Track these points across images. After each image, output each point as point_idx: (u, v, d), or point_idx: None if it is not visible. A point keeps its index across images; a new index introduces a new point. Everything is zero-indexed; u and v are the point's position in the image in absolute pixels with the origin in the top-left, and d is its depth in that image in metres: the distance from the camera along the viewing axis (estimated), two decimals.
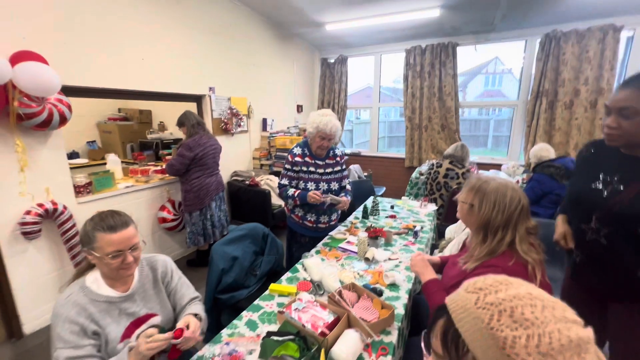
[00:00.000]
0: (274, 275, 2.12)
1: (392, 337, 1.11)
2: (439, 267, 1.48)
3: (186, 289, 1.30)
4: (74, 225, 2.25)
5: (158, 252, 3.08)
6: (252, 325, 1.18)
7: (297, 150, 2.02)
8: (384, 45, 5.02)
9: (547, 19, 3.82)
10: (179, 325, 1.08)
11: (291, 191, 1.99)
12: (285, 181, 2.03)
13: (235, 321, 1.20)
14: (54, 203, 2.13)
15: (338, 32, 4.37)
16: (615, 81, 3.79)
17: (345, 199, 1.98)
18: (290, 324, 1.08)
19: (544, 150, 2.80)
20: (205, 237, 2.93)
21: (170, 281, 1.25)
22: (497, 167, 4.32)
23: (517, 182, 3.65)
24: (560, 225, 1.34)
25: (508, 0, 3.22)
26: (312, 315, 1.12)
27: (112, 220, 1.03)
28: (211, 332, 1.87)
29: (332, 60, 5.45)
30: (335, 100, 5.48)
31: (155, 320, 1.15)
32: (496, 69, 17.59)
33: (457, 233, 2.33)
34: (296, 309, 1.14)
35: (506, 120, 10.69)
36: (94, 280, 1.07)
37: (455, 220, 2.67)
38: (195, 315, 1.18)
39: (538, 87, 4.11)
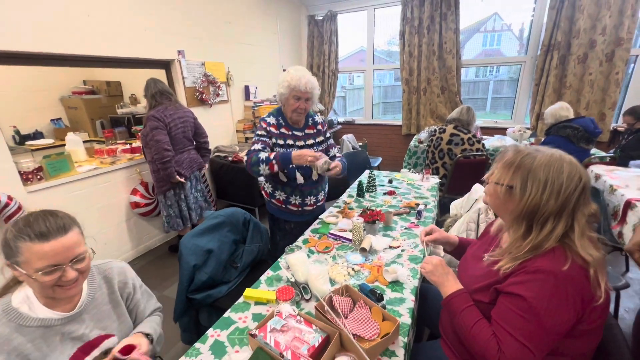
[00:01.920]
0: (259, 264, 1.88)
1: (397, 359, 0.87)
2: (455, 248, 1.23)
3: (147, 298, 1.08)
4: None
5: (135, 240, 2.82)
6: (218, 349, 0.92)
7: (271, 120, 1.67)
8: None
9: None
10: (129, 341, 0.87)
11: (265, 154, 1.56)
12: (258, 146, 1.61)
13: (197, 344, 0.94)
14: None
15: None
16: (636, 29, 3.39)
17: (338, 163, 1.57)
18: (264, 351, 0.83)
19: (564, 110, 2.48)
20: (182, 220, 2.65)
21: (132, 293, 1.03)
22: (502, 131, 4.00)
23: None
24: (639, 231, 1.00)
25: None
26: (294, 338, 0.86)
27: (42, 225, 0.76)
28: (189, 332, 1.67)
29: (321, 18, 4.87)
30: (325, 64, 4.98)
31: (111, 342, 0.92)
32: (495, 27, 16.62)
33: (464, 209, 2.06)
34: (273, 329, 0.88)
35: (506, 81, 10.20)
36: (24, 300, 0.81)
37: (460, 192, 2.41)
38: (147, 335, 0.95)
39: (549, 40, 3.68)
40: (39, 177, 2.11)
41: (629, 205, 1.80)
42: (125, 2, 2.44)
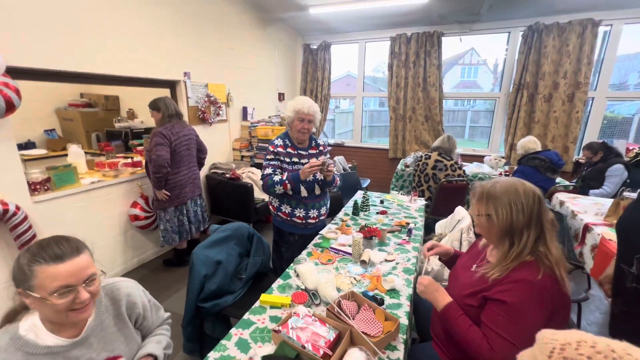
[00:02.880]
0: (261, 277, 2.00)
1: (399, 353, 1.03)
2: (448, 258, 1.41)
3: (156, 311, 1.11)
4: (30, 228, 1.99)
5: (131, 252, 2.85)
6: (243, 345, 1.05)
7: (279, 142, 1.90)
8: (369, 32, 4.86)
9: (531, 10, 3.82)
10: None
11: (278, 176, 1.82)
12: (269, 170, 1.86)
13: (223, 341, 1.06)
14: (3, 203, 1.85)
15: (322, 16, 4.15)
16: (592, 75, 3.90)
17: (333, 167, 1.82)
18: (287, 344, 0.97)
19: (532, 143, 2.82)
20: (180, 234, 2.72)
21: (141, 313, 1.03)
22: (480, 158, 4.36)
23: (500, 174, 3.70)
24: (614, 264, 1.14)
25: None
26: (313, 333, 1.01)
27: (57, 248, 0.79)
28: (192, 342, 1.74)
29: (315, 47, 5.22)
30: (318, 89, 5.29)
31: None
32: (472, 60, 17.96)
33: (448, 229, 2.29)
34: (293, 326, 1.02)
35: (482, 112, 10.95)
36: (31, 327, 0.82)
37: (444, 214, 2.65)
38: (151, 354, 0.99)
39: (520, 80, 4.15)
40: (45, 187, 2.16)
41: (587, 228, 2.08)
42: (140, 27, 2.61)
